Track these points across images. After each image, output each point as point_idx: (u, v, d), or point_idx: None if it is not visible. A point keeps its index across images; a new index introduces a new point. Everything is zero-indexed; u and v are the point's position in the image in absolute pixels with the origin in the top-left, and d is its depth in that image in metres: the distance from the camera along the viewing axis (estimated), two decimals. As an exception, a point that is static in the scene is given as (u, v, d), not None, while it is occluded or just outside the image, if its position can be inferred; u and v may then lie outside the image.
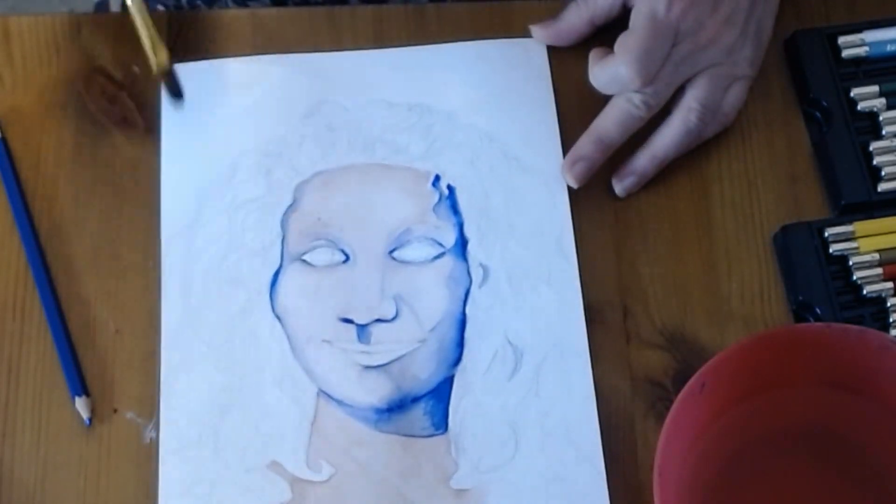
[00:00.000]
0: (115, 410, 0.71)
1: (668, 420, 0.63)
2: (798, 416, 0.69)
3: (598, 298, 0.73)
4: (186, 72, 0.77)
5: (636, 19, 0.73)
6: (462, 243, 0.74)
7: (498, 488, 0.68)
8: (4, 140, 0.77)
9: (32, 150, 0.77)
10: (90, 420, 0.70)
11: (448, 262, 0.74)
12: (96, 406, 0.71)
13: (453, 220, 0.74)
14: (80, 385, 0.71)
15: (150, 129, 0.77)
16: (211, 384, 0.71)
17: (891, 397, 0.67)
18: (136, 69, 0.79)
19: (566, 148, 0.76)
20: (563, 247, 0.74)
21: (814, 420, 0.69)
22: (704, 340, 0.72)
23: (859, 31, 0.78)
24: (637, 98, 0.73)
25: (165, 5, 0.88)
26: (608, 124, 0.74)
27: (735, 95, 0.76)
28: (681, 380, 0.68)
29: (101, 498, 0.69)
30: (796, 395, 0.68)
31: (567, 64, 0.78)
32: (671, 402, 0.64)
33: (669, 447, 0.62)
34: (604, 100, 0.75)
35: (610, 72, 0.72)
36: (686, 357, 0.72)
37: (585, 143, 0.74)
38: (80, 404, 0.70)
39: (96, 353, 0.72)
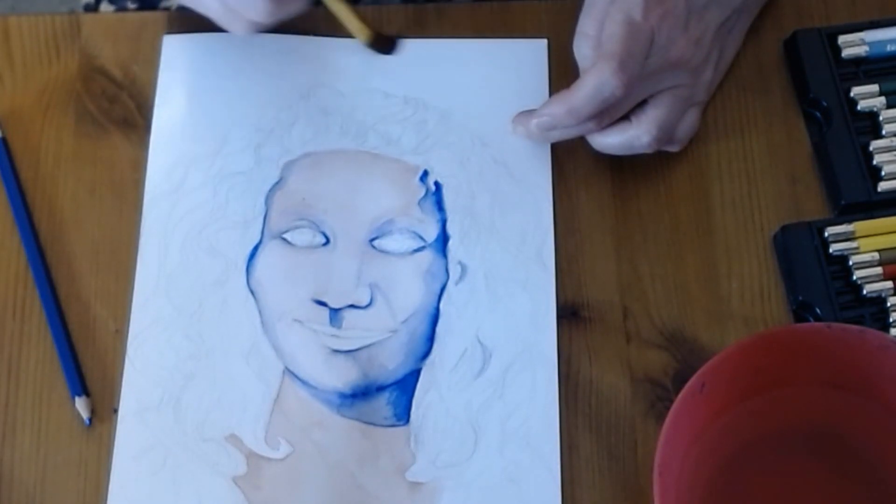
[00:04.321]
0: (115, 410, 0.71)
1: (668, 420, 0.63)
2: (798, 416, 0.69)
3: (598, 298, 0.73)
4: (186, 43, 0.78)
5: (612, 27, 0.70)
6: (443, 239, 0.74)
7: (453, 485, 0.69)
8: (4, 140, 0.77)
9: (32, 150, 0.77)
10: (90, 420, 0.71)
11: (427, 256, 0.74)
12: (96, 406, 0.71)
13: (437, 215, 0.75)
14: (80, 385, 0.71)
15: (150, 129, 0.77)
16: (177, 350, 0.72)
17: (891, 397, 0.67)
18: (135, 69, 0.79)
19: (556, 159, 0.76)
20: (542, 256, 0.74)
21: (814, 420, 0.69)
22: (704, 340, 0.72)
23: (859, 31, 0.78)
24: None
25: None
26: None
27: (690, 121, 0.75)
28: (681, 380, 0.68)
29: (101, 498, 0.69)
30: (796, 395, 0.68)
31: (566, 67, 0.78)
32: (671, 402, 0.64)
33: (669, 447, 0.62)
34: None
35: (594, 81, 0.69)
36: (686, 357, 0.72)
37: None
38: (80, 404, 0.70)
39: (96, 353, 0.72)
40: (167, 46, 0.79)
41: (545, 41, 0.79)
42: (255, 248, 0.74)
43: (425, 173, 0.76)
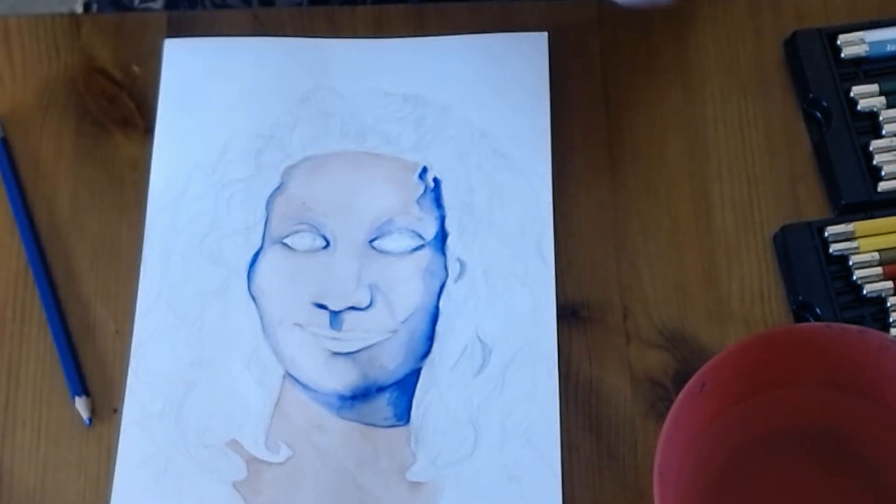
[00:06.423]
0: (115, 410, 0.71)
1: (668, 420, 0.63)
2: (798, 416, 0.69)
3: (598, 298, 0.73)
4: (187, 47, 0.78)
5: None
6: (442, 237, 0.74)
7: (453, 484, 0.69)
8: (4, 140, 0.77)
9: (32, 150, 0.77)
10: (90, 420, 0.71)
11: (426, 254, 0.74)
12: (96, 406, 0.71)
13: (436, 213, 0.75)
14: (80, 385, 0.71)
15: (150, 129, 0.77)
16: (179, 359, 0.72)
17: (891, 397, 0.67)
18: (136, 69, 0.79)
19: (556, 149, 0.76)
20: (542, 248, 0.74)
21: (814, 420, 0.69)
22: (704, 340, 0.72)
23: (859, 30, 0.78)
24: None
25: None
26: None
27: None
28: (681, 380, 0.68)
29: (101, 498, 0.69)
30: (796, 395, 0.68)
31: (566, 59, 0.78)
32: (671, 402, 0.64)
33: (669, 447, 0.62)
34: (605, 102, 0.75)
35: None
36: (686, 357, 0.72)
37: None
38: (80, 404, 0.70)
39: (96, 353, 0.72)
40: (168, 50, 0.79)
41: (545, 34, 0.79)
42: (256, 255, 0.74)
43: (424, 170, 0.76)
